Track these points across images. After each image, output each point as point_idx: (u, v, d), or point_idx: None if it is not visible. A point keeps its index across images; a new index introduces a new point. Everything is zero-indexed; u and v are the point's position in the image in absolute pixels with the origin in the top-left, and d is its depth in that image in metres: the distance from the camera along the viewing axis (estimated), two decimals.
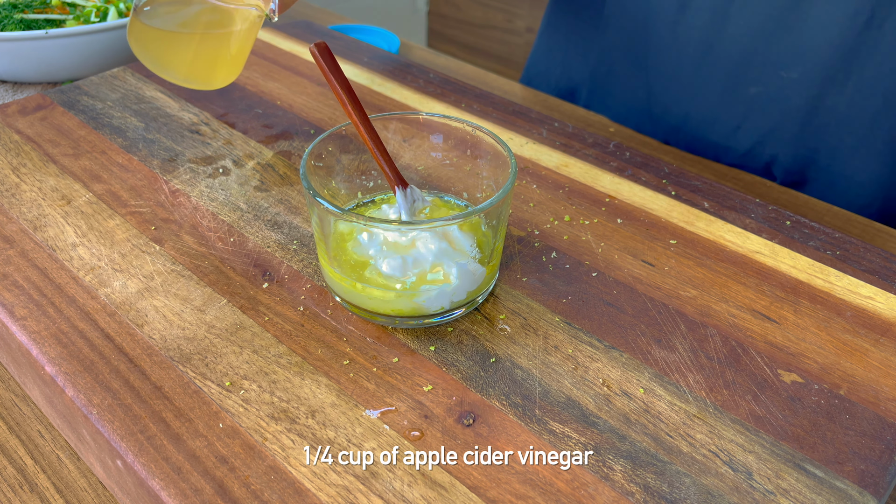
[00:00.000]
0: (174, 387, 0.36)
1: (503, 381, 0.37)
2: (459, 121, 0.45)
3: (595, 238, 0.47)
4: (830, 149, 0.67)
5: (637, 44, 0.74)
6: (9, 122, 0.57)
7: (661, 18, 0.71)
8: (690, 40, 0.69)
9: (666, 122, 0.75)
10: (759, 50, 0.66)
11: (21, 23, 0.74)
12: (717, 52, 0.68)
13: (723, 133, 0.71)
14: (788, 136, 0.68)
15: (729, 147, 0.71)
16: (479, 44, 2.26)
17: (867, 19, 0.60)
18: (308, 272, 0.44)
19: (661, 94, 0.74)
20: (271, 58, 0.69)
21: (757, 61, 0.67)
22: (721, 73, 0.69)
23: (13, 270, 0.43)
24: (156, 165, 0.53)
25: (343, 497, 0.32)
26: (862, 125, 0.65)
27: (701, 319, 0.41)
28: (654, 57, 0.73)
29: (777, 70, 0.66)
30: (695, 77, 0.71)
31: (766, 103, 0.68)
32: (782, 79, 0.66)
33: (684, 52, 0.70)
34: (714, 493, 0.32)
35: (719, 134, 0.71)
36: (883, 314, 0.42)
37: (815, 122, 0.67)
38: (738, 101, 0.69)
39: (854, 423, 0.35)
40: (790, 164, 0.69)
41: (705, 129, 0.72)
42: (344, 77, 0.41)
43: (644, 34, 0.73)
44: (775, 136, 0.69)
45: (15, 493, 0.39)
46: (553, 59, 0.85)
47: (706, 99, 0.71)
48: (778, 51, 0.65)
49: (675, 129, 0.74)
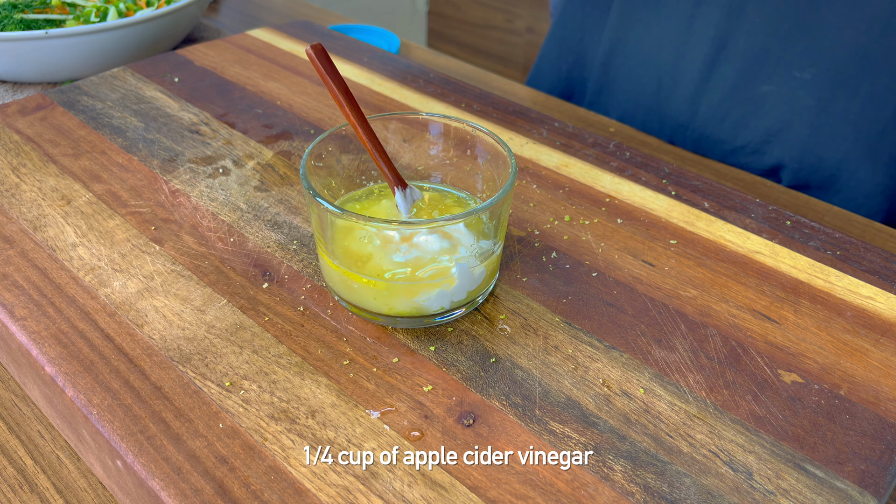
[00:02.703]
0: (174, 387, 0.36)
1: (503, 381, 0.37)
2: (459, 121, 0.44)
3: (595, 238, 0.47)
4: (838, 155, 0.67)
5: (649, 37, 0.74)
6: (9, 122, 0.57)
7: (676, 12, 0.71)
8: (705, 36, 0.69)
9: (673, 119, 0.74)
10: (773, 48, 0.66)
11: (21, 23, 0.74)
12: (730, 48, 0.68)
13: (730, 130, 0.71)
14: (796, 138, 0.68)
15: (736, 145, 0.71)
16: (479, 44, 2.26)
17: (884, 26, 0.60)
18: (308, 272, 0.44)
19: (670, 88, 0.74)
20: (271, 58, 0.69)
21: (770, 59, 0.67)
22: (732, 70, 0.69)
23: (13, 270, 0.43)
24: (156, 165, 0.53)
25: (343, 497, 0.32)
26: (872, 133, 0.64)
27: (701, 319, 0.41)
28: (665, 51, 0.73)
29: (790, 70, 0.66)
30: (707, 72, 0.71)
31: (777, 103, 0.68)
32: (795, 79, 0.66)
33: (697, 47, 0.70)
34: (714, 494, 0.32)
35: (727, 131, 0.71)
36: (883, 314, 0.42)
37: (825, 125, 0.66)
38: (748, 99, 0.69)
39: (854, 423, 0.35)
40: (797, 168, 0.69)
41: (713, 125, 0.72)
42: (341, 79, 0.41)
43: (657, 27, 0.73)
44: (783, 136, 0.68)
45: (15, 493, 0.39)
46: (564, 52, 0.85)
47: (716, 95, 0.71)
48: (793, 50, 0.65)
49: (683, 125, 0.74)
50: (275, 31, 0.75)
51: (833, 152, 0.67)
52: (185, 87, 0.63)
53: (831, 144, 0.67)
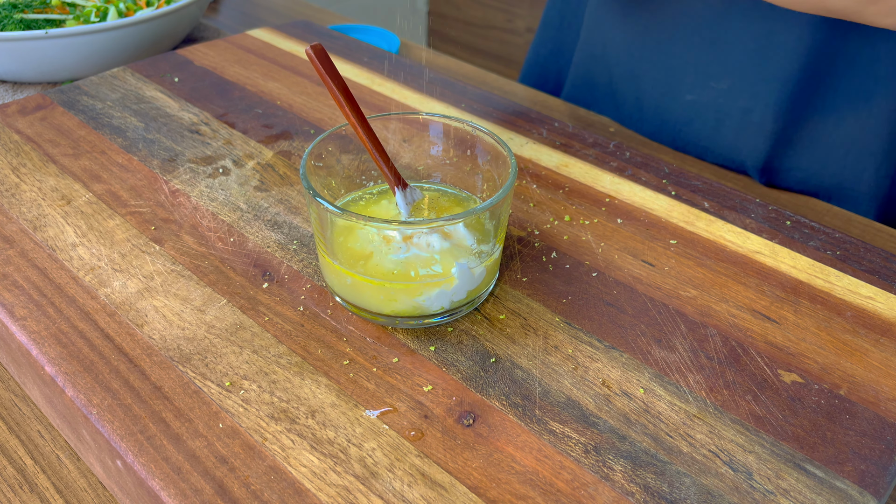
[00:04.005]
0: (174, 387, 0.36)
1: (503, 381, 0.37)
2: (459, 121, 0.45)
3: (595, 238, 0.47)
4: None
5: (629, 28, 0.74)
6: (9, 122, 0.57)
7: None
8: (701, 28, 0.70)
9: (651, 119, 0.74)
10: (690, 61, 0.68)
11: (21, 23, 0.74)
12: (723, 43, 0.68)
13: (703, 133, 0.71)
14: (724, 140, 0.69)
15: (708, 147, 0.71)
16: (479, 44, 2.26)
17: None
18: (308, 272, 0.44)
19: (648, 90, 0.74)
20: (271, 58, 0.69)
21: (689, 71, 0.68)
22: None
23: (13, 270, 0.43)
24: (156, 165, 0.53)
25: (343, 497, 0.32)
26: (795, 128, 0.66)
27: (701, 319, 0.41)
28: (645, 46, 0.73)
29: (707, 80, 0.68)
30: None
31: (702, 111, 0.69)
32: (713, 88, 0.68)
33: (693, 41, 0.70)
34: (714, 494, 0.32)
35: (699, 134, 0.72)
36: (883, 314, 0.42)
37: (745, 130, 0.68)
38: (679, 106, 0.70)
39: (854, 423, 0.35)
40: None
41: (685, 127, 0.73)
42: (341, 79, 0.41)
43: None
44: (716, 140, 0.70)
45: (15, 494, 0.39)
46: (549, 52, 0.85)
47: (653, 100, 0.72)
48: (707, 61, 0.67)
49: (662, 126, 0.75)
50: (275, 31, 0.75)
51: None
52: (185, 87, 0.63)
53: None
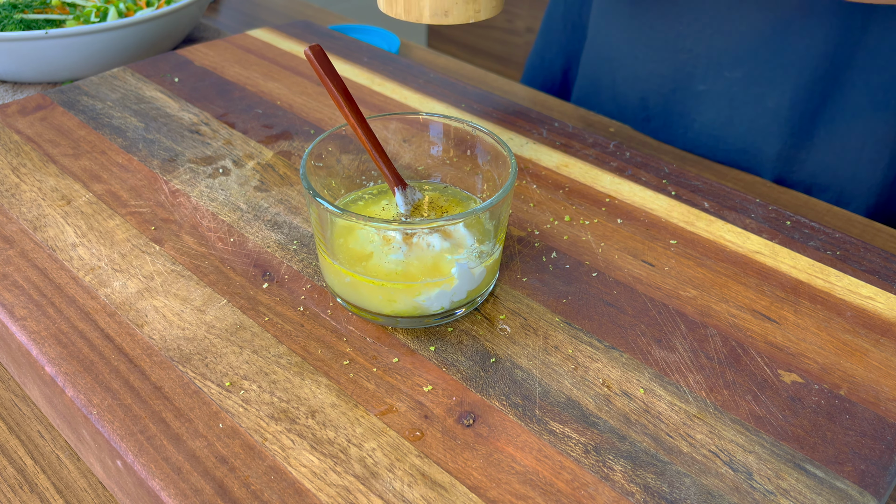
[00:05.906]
0: (174, 387, 0.36)
1: (503, 381, 0.37)
2: (459, 121, 0.45)
3: (595, 238, 0.47)
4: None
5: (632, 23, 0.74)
6: (9, 122, 0.57)
7: None
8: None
9: (657, 116, 0.74)
10: (702, 53, 0.67)
11: (21, 23, 0.74)
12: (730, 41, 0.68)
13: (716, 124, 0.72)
14: (737, 133, 0.69)
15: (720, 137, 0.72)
16: (479, 44, 2.26)
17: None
18: (308, 272, 0.44)
19: (654, 87, 0.74)
20: (271, 58, 0.69)
21: (702, 61, 0.68)
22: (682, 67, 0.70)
23: (13, 270, 0.43)
24: (156, 165, 0.53)
25: (343, 497, 0.32)
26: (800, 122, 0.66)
27: (701, 319, 0.41)
28: (644, 42, 0.73)
29: (721, 70, 0.67)
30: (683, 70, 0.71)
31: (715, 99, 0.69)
32: (726, 78, 0.68)
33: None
34: (714, 494, 0.32)
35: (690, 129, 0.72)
36: (883, 314, 0.42)
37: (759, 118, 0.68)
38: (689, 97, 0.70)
39: (854, 423, 0.35)
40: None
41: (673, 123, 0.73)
42: (340, 80, 0.41)
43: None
44: (729, 131, 0.70)
45: (15, 494, 0.39)
46: (552, 55, 0.86)
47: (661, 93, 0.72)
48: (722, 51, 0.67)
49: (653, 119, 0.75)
50: (275, 31, 0.75)
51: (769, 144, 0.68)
52: (185, 87, 0.63)
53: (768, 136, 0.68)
